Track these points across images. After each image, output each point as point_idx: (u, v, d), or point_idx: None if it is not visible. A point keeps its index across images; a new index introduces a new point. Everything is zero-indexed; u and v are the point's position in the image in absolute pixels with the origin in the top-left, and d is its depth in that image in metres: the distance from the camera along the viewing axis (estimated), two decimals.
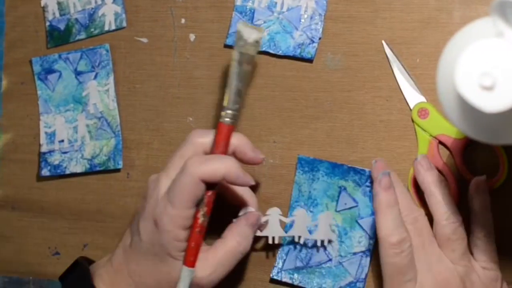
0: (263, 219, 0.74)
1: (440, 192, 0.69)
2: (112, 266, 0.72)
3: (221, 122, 0.70)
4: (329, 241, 0.75)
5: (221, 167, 0.67)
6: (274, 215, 0.75)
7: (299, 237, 0.75)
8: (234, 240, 0.71)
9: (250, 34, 0.71)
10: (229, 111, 0.71)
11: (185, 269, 0.69)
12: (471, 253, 0.70)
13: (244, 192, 0.74)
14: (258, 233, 0.74)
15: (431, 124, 0.73)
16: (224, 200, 0.73)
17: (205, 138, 0.71)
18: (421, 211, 0.71)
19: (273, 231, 0.75)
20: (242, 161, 0.71)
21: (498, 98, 0.49)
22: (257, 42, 0.71)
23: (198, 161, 0.68)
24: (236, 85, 0.71)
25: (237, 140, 0.71)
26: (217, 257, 0.70)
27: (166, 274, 0.70)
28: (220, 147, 0.70)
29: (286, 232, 0.75)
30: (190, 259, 0.69)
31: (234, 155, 0.71)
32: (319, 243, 0.75)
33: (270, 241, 0.75)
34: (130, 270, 0.71)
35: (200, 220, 0.69)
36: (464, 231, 0.69)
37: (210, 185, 0.68)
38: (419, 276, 0.67)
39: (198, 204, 0.69)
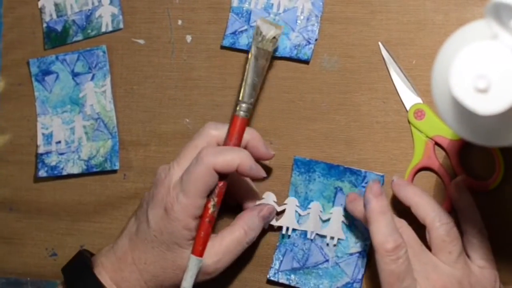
0: (280, 208, 0.76)
1: (425, 200, 0.69)
2: (115, 254, 0.73)
3: (236, 115, 0.72)
4: (339, 239, 0.75)
5: (236, 158, 0.69)
6: (291, 205, 0.76)
7: (312, 232, 0.76)
8: (242, 229, 0.72)
9: (268, 30, 0.72)
10: (244, 105, 0.72)
11: (193, 258, 0.70)
12: (467, 255, 0.70)
13: (249, 187, 0.76)
14: (274, 222, 0.76)
15: (427, 125, 0.73)
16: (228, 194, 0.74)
17: (219, 131, 0.72)
18: (404, 222, 0.70)
19: (289, 221, 0.76)
20: (253, 156, 0.72)
21: (492, 100, 0.50)
22: (274, 38, 0.73)
23: (212, 151, 0.69)
24: (252, 79, 0.72)
25: (250, 135, 0.72)
26: (224, 245, 0.71)
27: (172, 262, 0.71)
28: (233, 139, 0.72)
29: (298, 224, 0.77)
30: (198, 249, 0.70)
31: (246, 149, 0.72)
32: (328, 240, 0.76)
33: (284, 231, 0.76)
34: (134, 257, 0.72)
35: (211, 210, 0.70)
36: (458, 232, 0.69)
37: (222, 175, 0.70)
38: (418, 286, 0.66)
39: (209, 194, 0.70)
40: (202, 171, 0.68)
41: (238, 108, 0.72)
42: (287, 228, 0.76)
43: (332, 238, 0.75)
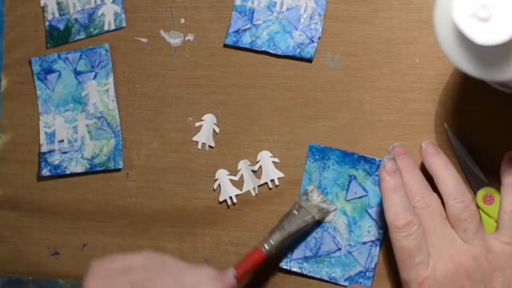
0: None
1: (447, 174, 0.69)
2: None
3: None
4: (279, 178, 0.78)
5: None
6: (223, 177, 0.80)
7: (254, 188, 0.79)
8: None
9: (316, 197, 0.75)
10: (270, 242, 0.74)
11: None
12: (497, 228, 0.69)
13: None
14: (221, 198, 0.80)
15: (496, 210, 0.70)
16: None
17: None
18: (434, 196, 0.70)
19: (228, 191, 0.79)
20: None
21: (492, 31, 0.49)
22: (323, 209, 0.75)
23: None
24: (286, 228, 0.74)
25: None
26: None
27: None
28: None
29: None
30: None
31: None
32: (270, 185, 0.78)
33: (229, 202, 0.79)
34: None
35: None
36: (475, 210, 0.68)
37: None
38: (432, 260, 0.67)
39: None
40: None
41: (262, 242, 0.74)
42: (230, 198, 0.79)
43: (272, 180, 0.78)
